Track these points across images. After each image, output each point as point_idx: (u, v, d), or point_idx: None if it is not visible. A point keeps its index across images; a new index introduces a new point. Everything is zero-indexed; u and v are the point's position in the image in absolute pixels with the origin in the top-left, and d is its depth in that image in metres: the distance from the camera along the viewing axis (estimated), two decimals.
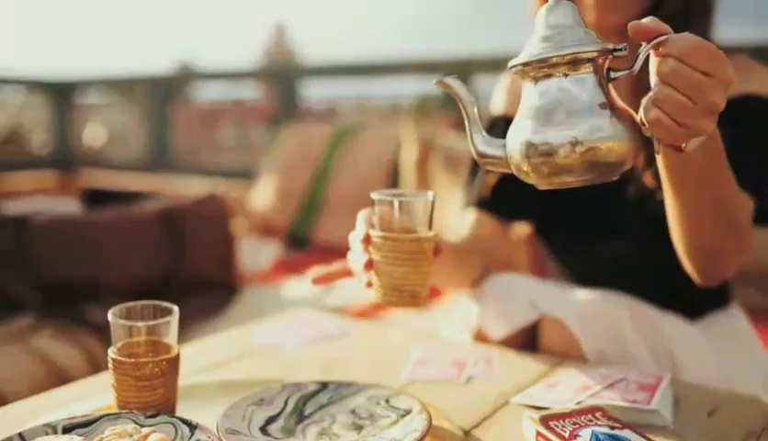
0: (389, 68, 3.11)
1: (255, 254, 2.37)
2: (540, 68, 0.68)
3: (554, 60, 0.66)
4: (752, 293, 1.72)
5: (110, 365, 0.74)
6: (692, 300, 1.16)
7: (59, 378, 1.61)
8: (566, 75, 0.67)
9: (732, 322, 1.19)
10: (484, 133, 0.73)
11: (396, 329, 1.11)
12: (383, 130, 2.66)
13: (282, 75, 3.54)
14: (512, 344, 1.00)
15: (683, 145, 0.69)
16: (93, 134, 4.89)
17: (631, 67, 0.67)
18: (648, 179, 1.05)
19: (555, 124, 0.66)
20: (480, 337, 1.02)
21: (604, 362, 0.94)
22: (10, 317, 1.67)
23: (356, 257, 0.85)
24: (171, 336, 0.76)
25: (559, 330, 0.96)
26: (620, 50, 0.66)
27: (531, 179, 0.70)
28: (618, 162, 0.66)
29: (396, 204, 0.82)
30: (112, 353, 0.73)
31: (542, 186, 0.71)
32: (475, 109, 0.74)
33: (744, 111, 0.93)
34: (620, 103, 0.68)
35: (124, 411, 0.71)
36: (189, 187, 3.15)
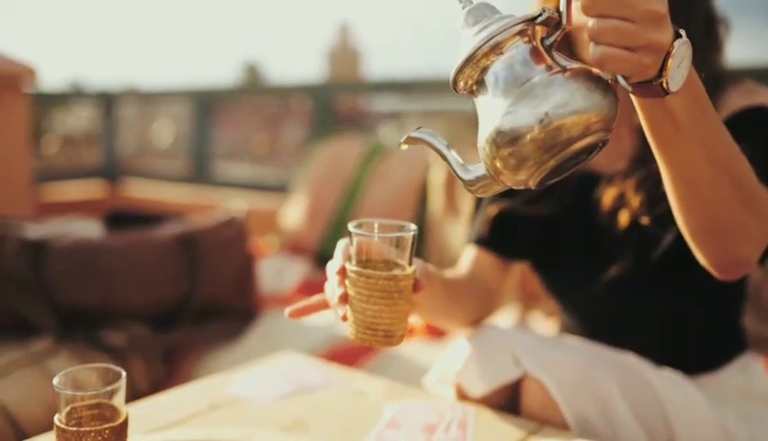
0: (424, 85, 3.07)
1: (281, 273, 2.35)
2: (473, 67, 0.65)
3: (480, 51, 0.63)
4: None
5: (54, 433, 0.73)
6: (696, 347, 1.08)
7: None
8: (501, 54, 0.64)
9: (745, 376, 1.10)
10: (464, 163, 0.70)
11: (378, 380, 1.07)
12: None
13: (318, 88, 3.53)
14: (493, 402, 0.96)
15: (664, 84, 0.62)
16: (160, 134, 4.99)
17: (561, 26, 0.63)
18: (636, 202, 0.99)
19: (510, 110, 0.62)
20: (461, 393, 0.98)
21: (587, 431, 0.88)
22: (29, 339, 1.70)
23: (332, 290, 0.82)
24: (118, 401, 0.75)
25: (541, 393, 0.91)
26: (540, 15, 0.63)
27: (509, 178, 0.65)
28: (589, 120, 0.60)
29: (375, 239, 0.79)
30: (57, 421, 0.73)
31: (531, 180, 0.64)
32: (452, 151, 0.71)
33: (753, 123, 0.88)
34: (572, 64, 0.63)
35: None
36: (227, 201, 3.17)
